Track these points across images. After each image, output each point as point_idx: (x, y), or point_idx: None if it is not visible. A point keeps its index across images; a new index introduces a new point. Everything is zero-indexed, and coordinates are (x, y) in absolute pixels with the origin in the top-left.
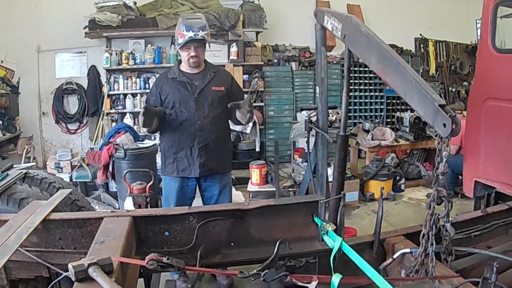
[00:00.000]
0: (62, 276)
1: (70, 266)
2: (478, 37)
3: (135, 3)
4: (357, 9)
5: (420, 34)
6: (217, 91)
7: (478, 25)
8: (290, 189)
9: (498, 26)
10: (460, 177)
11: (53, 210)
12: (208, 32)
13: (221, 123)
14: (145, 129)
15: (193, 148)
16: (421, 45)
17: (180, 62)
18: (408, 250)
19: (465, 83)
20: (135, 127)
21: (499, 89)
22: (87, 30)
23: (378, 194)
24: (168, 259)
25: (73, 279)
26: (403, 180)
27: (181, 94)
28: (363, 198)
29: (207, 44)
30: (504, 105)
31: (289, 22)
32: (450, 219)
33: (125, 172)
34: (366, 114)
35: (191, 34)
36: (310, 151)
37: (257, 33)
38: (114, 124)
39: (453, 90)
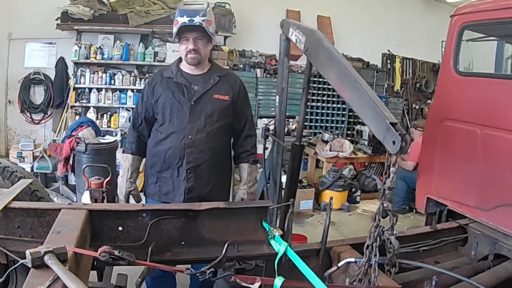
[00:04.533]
0: (19, 263)
1: (27, 252)
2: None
3: None
4: (327, 21)
5: (388, 50)
6: (219, 100)
7: (443, 46)
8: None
9: (462, 49)
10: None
11: (14, 199)
12: (210, 19)
13: (220, 140)
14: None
15: (181, 168)
16: (388, 61)
17: (180, 59)
18: (352, 259)
19: (429, 101)
20: (97, 122)
21: (457, 111)
22: (59, 21)
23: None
24: (119, 252)
25: (30, 265)
26: (358, 192)
27: (175, 98)
28: (318, 207)
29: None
30: (461, 126)
31: (258, 28)
32: (395, 232)
33: (84, 166)
34: (327, 125)
35: (184, 19)
36: (266, 158)
37: (226, 37)
38: (77, 117)
39: (417, 107)
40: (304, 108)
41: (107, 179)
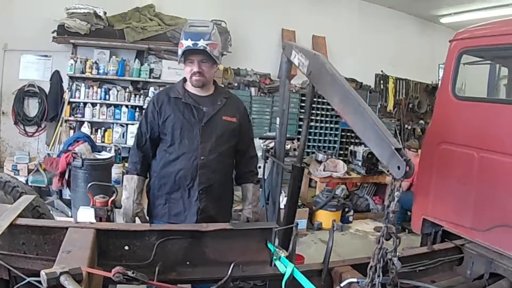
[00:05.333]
0: (26, 281)
1: (42, 272)
2: (439, 81)
3: (105, 13)
4: (321, 41)
5: (382, 71)
6: (228, 121)
7: (441, 70)
8: (240, 213)
9: (460, 73)
10: (408, 213)
11: (18, 215)
12: (216, 43)
13: (228, 161)
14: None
15: (192, 189)
16: (381, 81)
17: (185, 80)
18: (355, 279)
19: (421, 121)
20: (92, 137)
21: (454, 134)
22: (55, 34)
23: (326, 224)
24: (133, 273)
25: (45, 285)
26: (351, 212)
27: (185, 119)
28: (311, 227)
29: (217, 61)
30: (457, 150)
31: (253, 47)
32: (398, 254)
33: (90, 184)
34: (320, 144)
35: (189, 43)
36: (265, 178)
37: (221, 55)
38: (72, 131)
39: (409, 127)
40: (306, 130)
41: (112, 198)
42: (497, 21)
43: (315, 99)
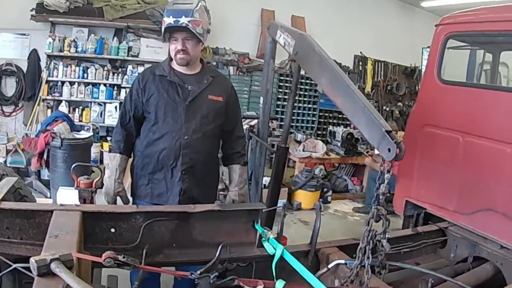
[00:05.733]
0: (12, 267)
1: (32, 260)
2: (423, 66)
3: None
4: (301, 21)
5: (361, 52)
6: (214, 101)
7: (425, 53)
8: (221, 192)
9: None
10: (387, 194)
11: (1, 199)
12: (200, 20)
13: (213, 141)
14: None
15: (175, 169)
16: (360, 63)
17: (171, 58)
18: (342, 261)
19: (399, 103)
20: (70, 116)
21: (439, 118)
22: (33, 12)
23: (305, 204)
24: (124, 257)
25: (35, 273)
26: (330, 192)
27: (169, 97)
28: (290, 207)
29: (203, 38)
30: (441, 133)
31: (233, 26)
32: (387, 235)
33: (74, 165)
34: (298, 124)
35: (170, 20)
36: (248, 158)
37: (207, 32)
38: (49, 110)
39: (387, 109)
40: (291, 110)
41: (97, 179)
42: (484, 8)
43: (291, 79)
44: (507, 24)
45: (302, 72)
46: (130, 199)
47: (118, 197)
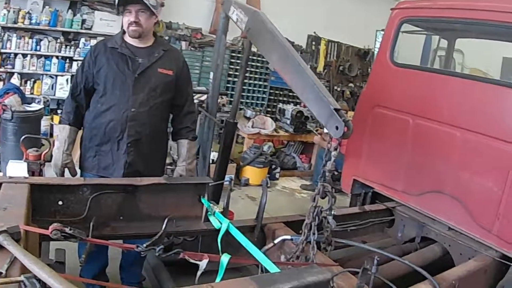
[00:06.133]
0: None
1: None
2: (377, 48)
3: None
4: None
5: (314, 32)
6: (164, 74)
7: (379, 36)
8: (169, 167)
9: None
10: (335, 173)
11: None
12: None
13: (161, 115)
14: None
15: (121, 142)
16: (313, 43)
17: (124, 31)
18: (288, 237)
19: (351, 84)
20: (22, 88)
21: (390, 99)
22: None
23: (253, 180)
24: (70, 229)
25: None
26: (278, 169)
27: (118, 69)
28: (238, 182)
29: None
30: (391, 114)
31: (187, 1)
32: (333, 212)
33: (23, 137)
34: (248, 101)
35: None
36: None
37: (161, 6)
38: (1, 83)
39: (338, 89)
40: (241, 86)
41: (46, 152)
42: None
43: (241, 55)
44: (463, 12)
45: (254, 49)
46: (78, 171)
47: (66, 169)
